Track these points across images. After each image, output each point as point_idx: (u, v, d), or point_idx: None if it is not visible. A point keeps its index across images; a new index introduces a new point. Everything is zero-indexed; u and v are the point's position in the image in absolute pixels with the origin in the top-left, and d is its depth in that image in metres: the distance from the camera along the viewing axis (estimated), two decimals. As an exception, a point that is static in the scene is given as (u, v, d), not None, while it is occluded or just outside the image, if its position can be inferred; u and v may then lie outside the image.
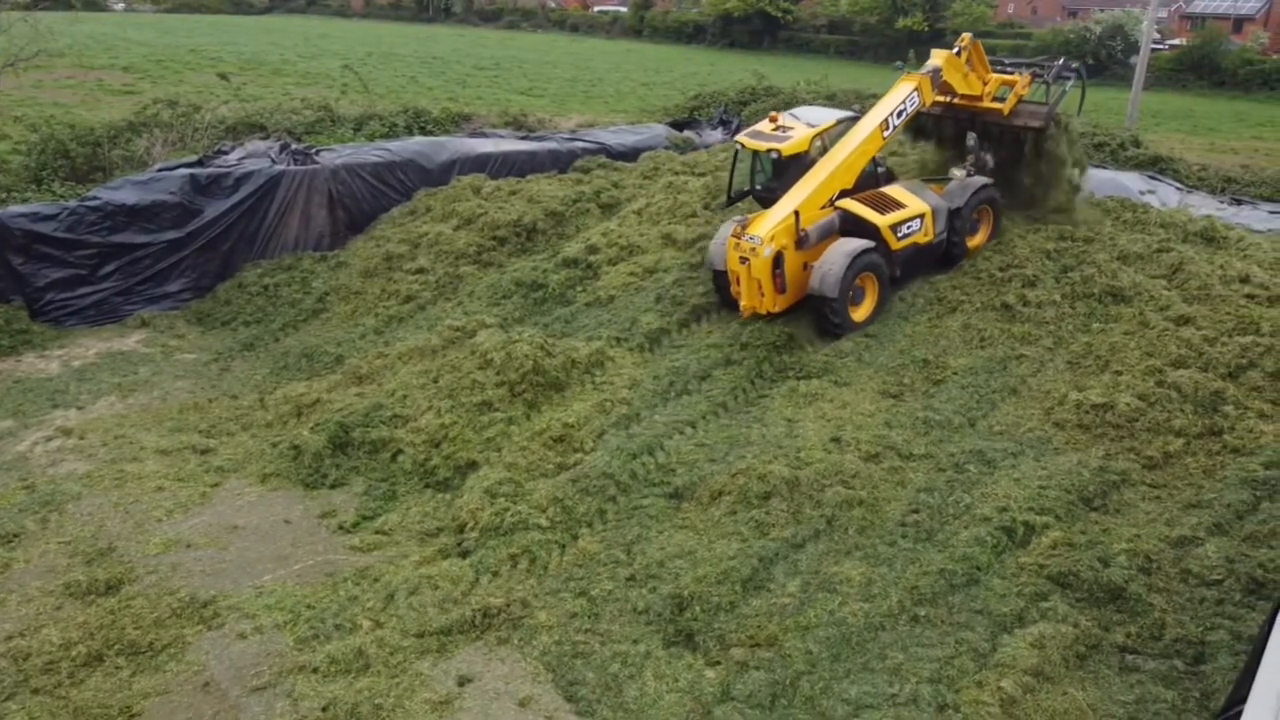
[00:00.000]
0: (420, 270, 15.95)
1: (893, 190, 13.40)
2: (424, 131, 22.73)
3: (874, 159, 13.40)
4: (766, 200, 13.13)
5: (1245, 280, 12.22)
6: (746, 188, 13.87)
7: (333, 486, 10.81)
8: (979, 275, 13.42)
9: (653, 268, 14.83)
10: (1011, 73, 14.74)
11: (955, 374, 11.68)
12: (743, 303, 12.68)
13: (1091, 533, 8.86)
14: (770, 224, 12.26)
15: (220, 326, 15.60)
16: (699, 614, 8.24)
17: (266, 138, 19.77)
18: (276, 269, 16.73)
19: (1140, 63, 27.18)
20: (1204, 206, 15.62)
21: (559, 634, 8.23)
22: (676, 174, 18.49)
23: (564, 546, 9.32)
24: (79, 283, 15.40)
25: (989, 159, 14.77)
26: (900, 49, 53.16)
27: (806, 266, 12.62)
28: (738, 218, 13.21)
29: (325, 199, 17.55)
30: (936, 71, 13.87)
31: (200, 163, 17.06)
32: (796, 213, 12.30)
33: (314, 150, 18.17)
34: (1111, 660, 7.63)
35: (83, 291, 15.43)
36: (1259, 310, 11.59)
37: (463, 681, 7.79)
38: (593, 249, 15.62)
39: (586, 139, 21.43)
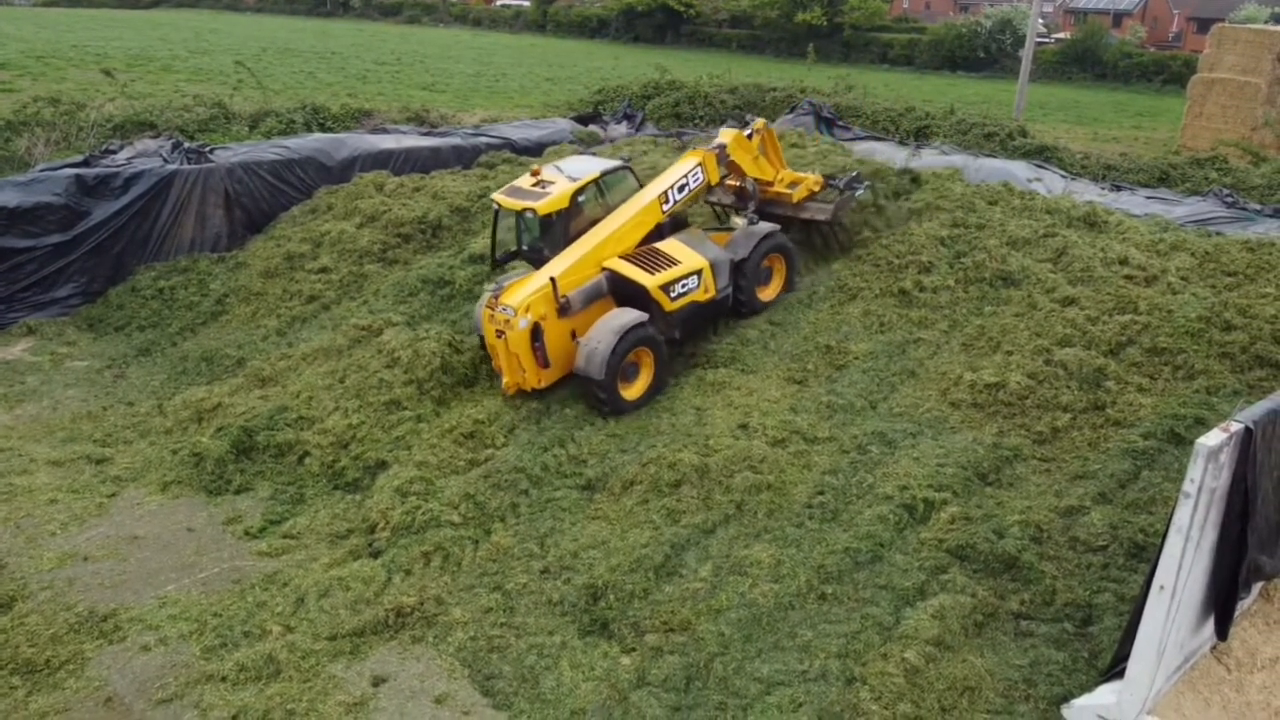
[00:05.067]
0: (323, 269, 15.64)
1: (666, 245, 12.28)
2: (323, 128, 22.22)
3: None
4: (535, 260, 11.96)
5: (1124, 262, 12.84)
6: (514, 248, 12.41)
7: (237, 492, 10.58)
8: (878, 263, 13.81)
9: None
10: (804, 175, 14.57)
11: (856, 359, 12.02)
12: (504, 379, 11.48)
13: (987, 506, 9.25)
14: (526, 293, 11.11)
15: (113, 332, 15.03)
16: (613, 603, 8.35)
17: (157, 136, 19.08)
18: (172, 271, 16.18)
19: (1026, 56, 28.20)
20: (1086, 193, 16.26)
21: (474, 629, 8.24)
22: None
23: (477, 542, 9.32)
24: (-43, 290, 14.66)
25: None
26: (800, 43, 54.10)
27: (576, 336, 11.53)
28: (493, 286, 11.77)
29: (221, 198, 17.03)
30: (722, 148, 13.20)
31: (86, 163, 16.37)
32: (554, 280, 11.20)
33: (208, 149, 17.62)
34: (1007, 627, 7.98)
35: (-39, 300, 14.70)
36: (1137, 290, 12.20)
37: (377, 682, 7.75)
38: (499, 244, 15.53)
39: (490, 134, 21.26)
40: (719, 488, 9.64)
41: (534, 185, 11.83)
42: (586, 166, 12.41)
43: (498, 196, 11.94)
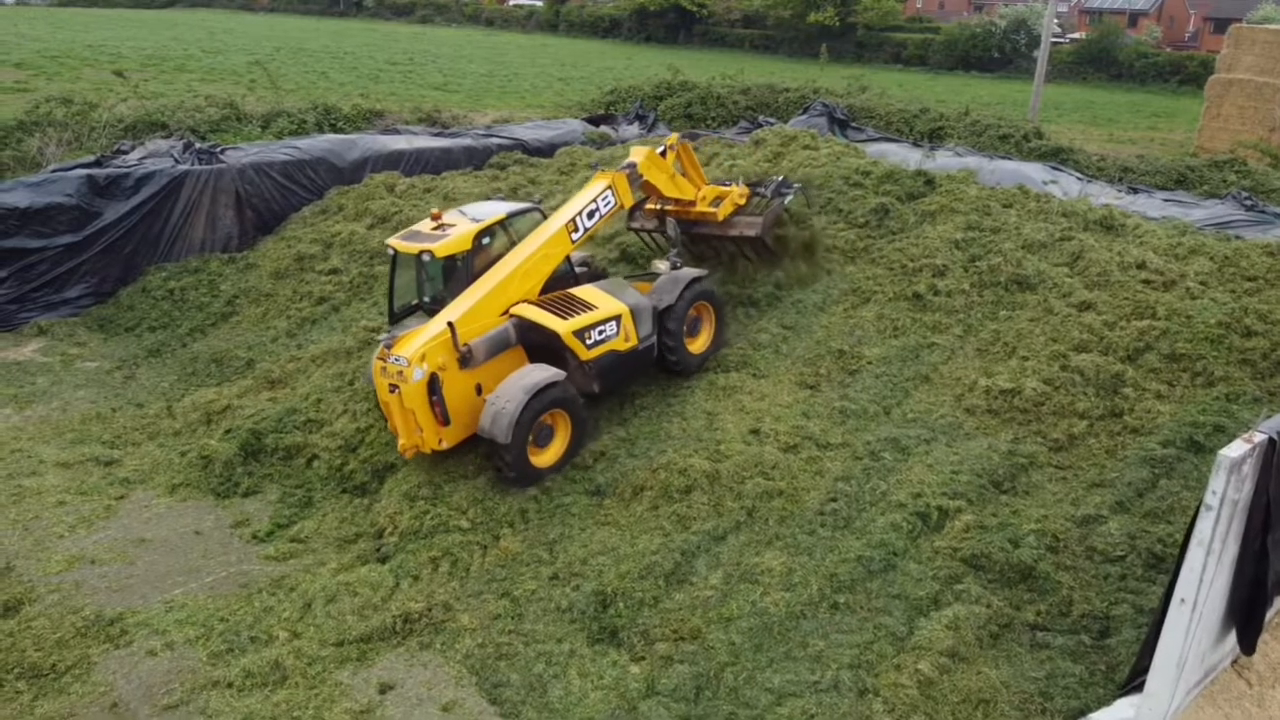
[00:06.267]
0: (333, 270, 15.62)
1: (582, 291, 11.16)
2: (334, 129, 22.27)
3: (568, 259, 11.43)
4: (437, 312, 10.53)
5: (1142, 266, 12.67)
6: (415, 300, 11.04)
7: (245, 495, 10.53)
8: (891, 266, 13.67)
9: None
10: (729, 186, 13.58)
11: (870, 363, 11.89)
12: (400, 440, 10.13)
13: (1002, 515, 9.12)
14: (420, 342, 9.83)
15: (124, 333, 15.05)
16: (622, 610, 8.26)
17: (169, 136, 19.13)
18: (182, 272, 16.22)
19: (1041, 56, 27.99)
20: (1103, 196, 16.09)
21: (482, 636, 8.17)
22: (593, 169, 18.45)
23: (485, 548, 9.24)
24: (-32, 291, 14.69)
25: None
26: (813, 43, 53.97)
27: (482, 390, 10.29)
28: (385, 336, 10.40)
29: (232, 199, 17.07)
30: (633, 168, 12.12)
31: (98, 163, 16.43)
32: (452, 325, 9.91)
33: (219, 149, 17.64)
34: (1023, 638, 7.86)
35: (-28, 300, 14.72)
36: (1155, 295, 12.04)
37: (384, 689, 7.67)
38: (510, 246, 15.45)
39: (502, 135, 21.25)
40: (730, 494, 9.54)
41: (434, 229, 10.62)
42: (492, 209, 11.31)
43: (393, 241, 10.67)
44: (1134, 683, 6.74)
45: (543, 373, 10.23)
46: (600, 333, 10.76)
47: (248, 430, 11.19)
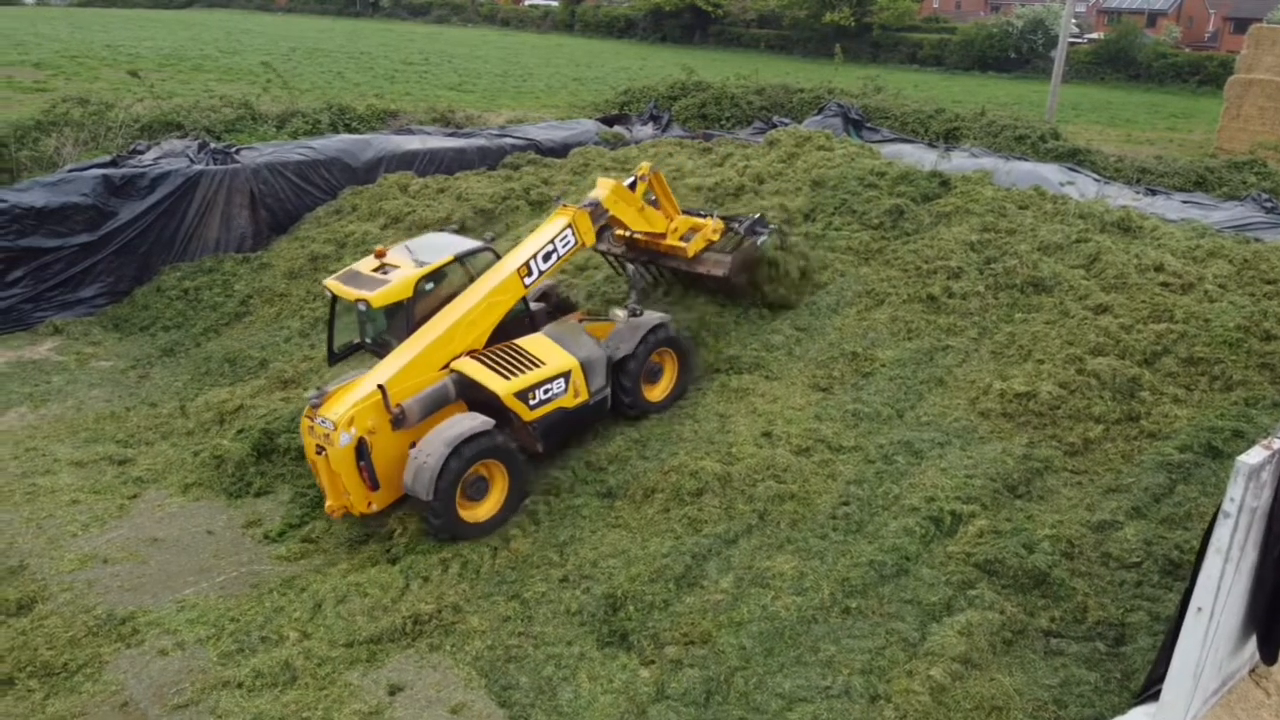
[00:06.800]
0: (347, 271, 15.64)
1: (530, 342, 10.39)
2: (348, 129, 22.33)
3: (524, 299, 10.72)
4: (381, 354, 10.04)
5: (1159, 269, 12.54)
6: (356, 340, 10.61)
7: (257, 495, 10.54)
8: (905, 268, 13.59)
9: (583, 265, 14.76)
10: (704, 217, 12.75)
11: (883, 366, 11.81)
12: (328, 501, 9.58)
13: (1016, 520, 9.03)
14: (348, 404, 9.21)
15: (138, 332, 15.12)
16: (633, 613, 8.22)
17: (184, 136, 19.22)
18: (197, 271, 16.29)
19: (1059, 56, 27.80)
20: (1120, 197, 15.96)
21: (491, 638, 8.14)
22: (606, 170, 18.42)
23: (495, 549, 9.23)
24: (-15, 289, 14.79)
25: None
26: (828, 43, 53.79)
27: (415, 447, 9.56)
28: (313, 393, 9.67)
29: (247, 199, 17.14)
30: (596, 205, 11.29)
31: (114, 163, 16.52)
32: (383, 388, 9.31)
33: (234, 149, 17.71)
34: (1036, 645, 7.77)
35: (-11, 299, 14.82)
36: (1172, 298, 11.91)
37: (393, 691, 7.65)
38: (523, 247, 15.43)
39: (516, 135, 21.26)
40: (741, 497, 9.49)
41: (375, 270, 9.95)
42: (440, 248, 10.43)
43: (331, 283, 10.03)
44: (1149, 691, 6.66)
45: (469, 422, 9.51)
46: (546, 391, 10.07)
47: (260, 430, 11.20)
